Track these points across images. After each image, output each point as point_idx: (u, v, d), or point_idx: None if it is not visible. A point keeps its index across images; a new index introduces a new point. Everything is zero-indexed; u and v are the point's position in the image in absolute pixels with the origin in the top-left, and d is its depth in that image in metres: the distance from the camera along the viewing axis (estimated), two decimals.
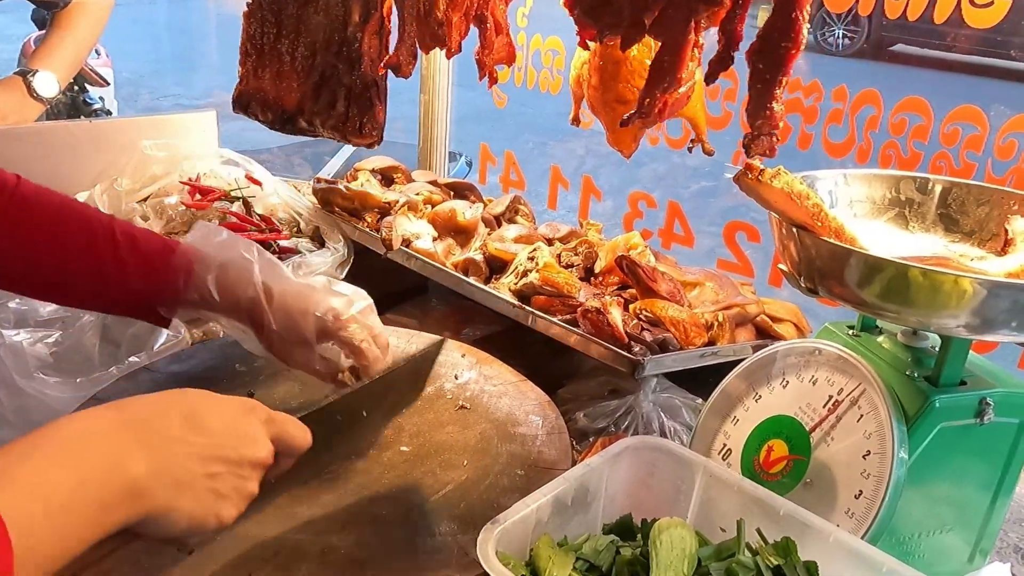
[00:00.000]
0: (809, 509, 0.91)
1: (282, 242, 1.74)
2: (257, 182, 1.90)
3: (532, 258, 1.55)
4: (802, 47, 0.89)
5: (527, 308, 1.47)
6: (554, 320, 1.43)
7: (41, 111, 1.99)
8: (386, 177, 2.04)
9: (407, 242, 1.69)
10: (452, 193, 1.95)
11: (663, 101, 1.01)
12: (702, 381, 1.33)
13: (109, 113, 2.72)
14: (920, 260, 0.92)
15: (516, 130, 6.46)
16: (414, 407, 1.25)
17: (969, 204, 1.14)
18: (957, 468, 1.02)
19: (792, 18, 0.88)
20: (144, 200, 1.80)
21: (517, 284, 1.52)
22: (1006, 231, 1.06)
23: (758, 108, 0.92)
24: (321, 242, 1.79)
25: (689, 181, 5.95)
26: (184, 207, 1.77)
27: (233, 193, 1.85)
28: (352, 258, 1.73)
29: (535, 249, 1.58)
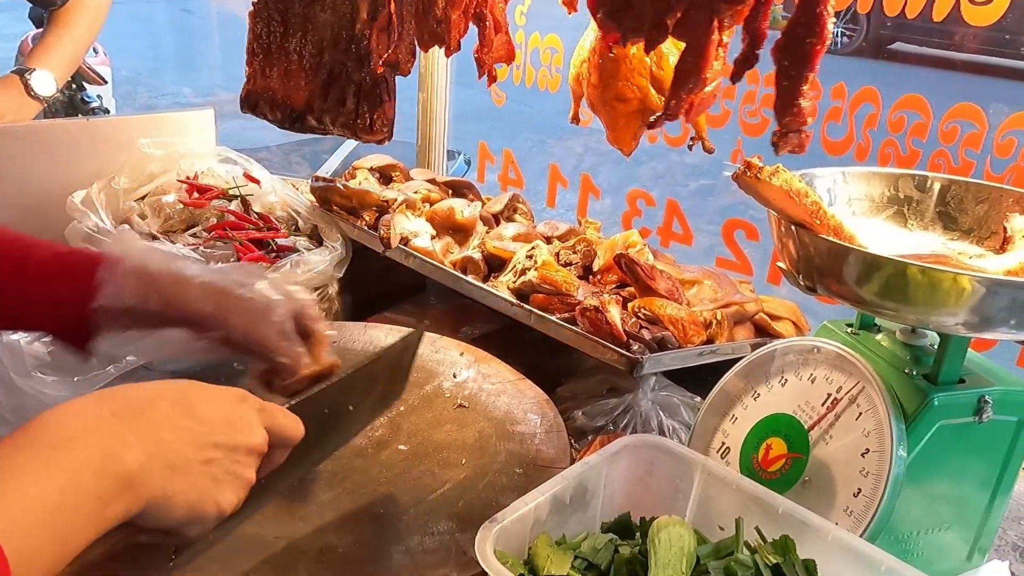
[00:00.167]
0: (808, 507, 0.91)
1: (280, 240, 1.74)
2: (255, 180, 1.90)
3: (530, 256, 1.55)
4: (828, 42, 0.88)
5: (525, 306, 1.47)
6: (552, 318, 1.43)
7: (38, 110, 1.99)
8: (384, 175, 2.04)
9: (405, 240, 1.68)
10: (450, 191, 1.95)
11: (689, 102, 1.00)
12: (701, 379, 1.33)
13: (107, 111, 2.71)
14: (919, 258, 0.92)
15: (515, 128, 6.46)
16: (411, 406, 1.25)
17: (968, 202, 1.14)
18: (956, 466, 1.02)
19: (817, 13, 0.87)
20: (142, 199, 1.79)
21: (515, 282, 1.52)
22: (1005, 229, 1.06)
23: (786, 105, 0.91)
24: (319, 240, 1.79)
25: (688, 179, 5.95)
26: (182, 205, 1.77)
27: (231, 191, 1.85)
28: (350, 256, 1.73)
29: (533, 247, 1.58)
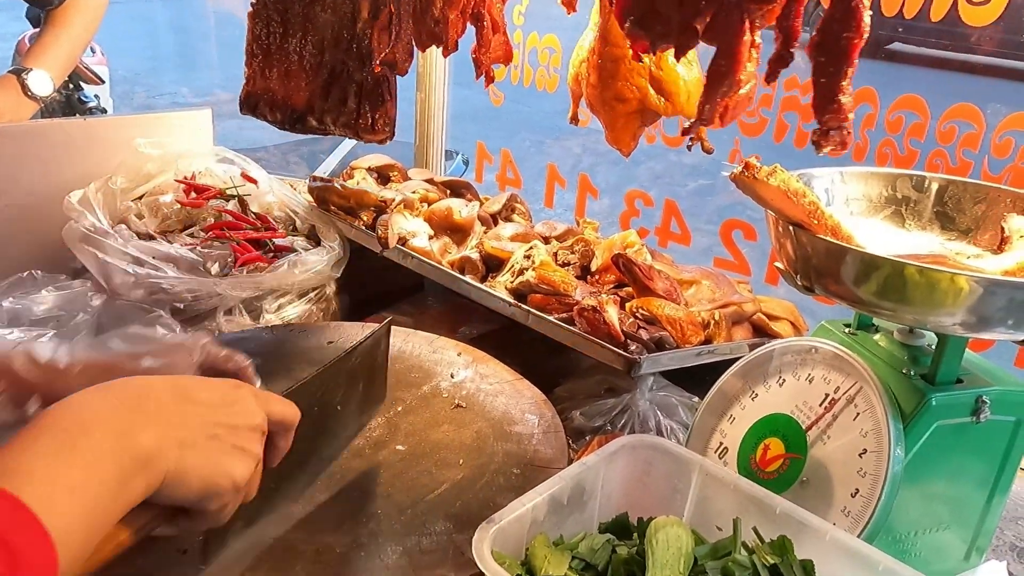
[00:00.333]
0: (805, 508, 0.91)
1: (278, 240, 1.74)
2: (253, 180, 1.90)
3: (528, 256, 1.55)
4: (866, 34, 0.85)
5: (523, 306, 1.47)
6: (550, 319, 1.43)
7: (35, 109, 1.98)
8: (382, 175, 2.04)
9: (403, 240, 1.68)
10: (448, 191, 1.95)
11: (724, 106, 0.99)
12: (699, 379, 1.33)
13: (104, 111, 2.70)
14: (916, 258, 0.92)
15: (513, 128, 6.45)
16: (409, 406, 1.25)
17: (965, 202, 1.14)
18: (953, 466, 1.02)
19: (852, 6, 0.85)
20: (139, 198, 1.79)
21: (513, 282, 1.52)
22: (1002, 229, 1.06)
23: (825, 102, 0.89)
24: (317, 240, 1.79)
25: (686, 179, 5.95)
26: (179, 205, 1.77)
27: (228, 191, 1.84)
28: (348, 256, 1.73)
29: (531, 247, 1.58)
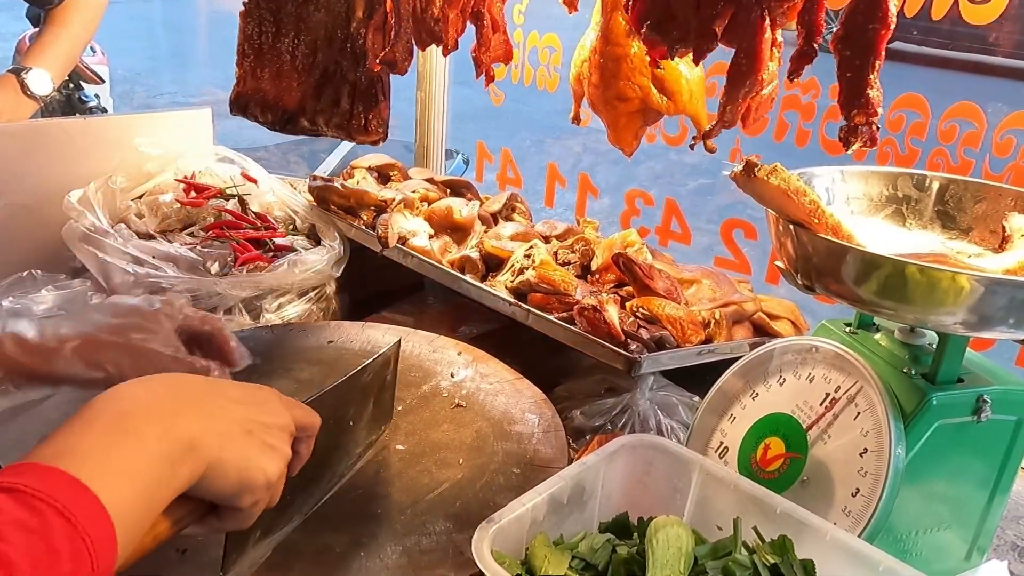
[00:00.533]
0: (806, 507, 0.91)
1: (278, 240, 1.74)
2: (253, 180, 1.89)
3: (528, 256, 1.55)
4: (892, 24, 0.83)
5: (523, 306, 1.47)
6: (550, 318, 1.42)
7: (35, 109, 1.98)
8: (382, 175, 2.04)
9: (403, 240, 1.68)
10: (449, 191, 1.95)
11: (746, 106, 0.98)
12: (699, 379, 1.33)
13: (104, 111, 2.70)
14: (917, 257, 0.92)
15: (513, 128, 6.45)
16: (409, 405, 1.25)
17: (966, 201, 1.14)
18: (954, 466, 1.02)
19: None
20: (139, 198, 1.79)
21: (513, 282, 1.52)
22: (1004, 228, 1.05)
23: (852, 97, 0.86)
24: (317, 240, 1.79)
25: (686, 179, 5.95)
26: (179, 205, 1.77)
27: (228, 191, 1.84)
28: (348, 256, 1.72)
29: (531, 247, 1.57)
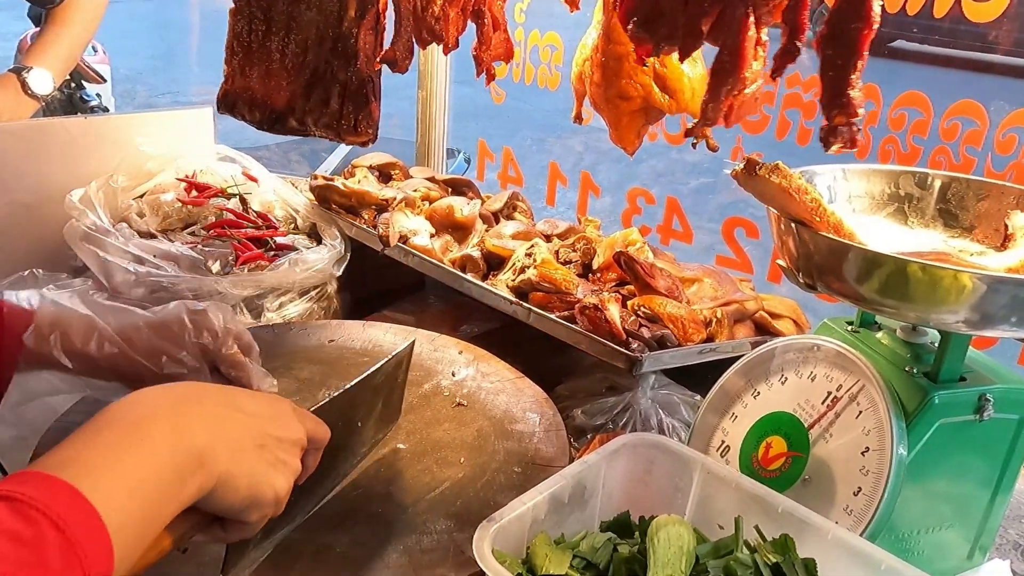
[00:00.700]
0: (808, 506, 0.91)
1: (279, 239, 1.74)
2: (254, 179, 1.90)
3: (530, 254, 1.54)
4: (876, 25, 0.83)
5: (524, 305, 1.46)
6: (552, 317, 1.42)
7: (36, 108, 1.98)
8: (384, 174, 2.04)
9: (404, 238, 1.68)
10: (450, 189, 1.95)
11: (728, 105, 0.97)
12: (700, 378, 1.32)
13: (106, 110, 2.70)
14: (919, 255, 0.92)
15: (514, 126, 6.46)
16: (410, 404, 1.24)
17: (969, 199, 1.14)
18: (956, 464, 1.02)
19: None
20: (140, 197, 1.79)
21: (515, 280, 1.52)
22: (1006, 226, 1.05)
23: (833, 97, 0.86)
24: (318, 239, 1.79)
25: (688, 177, 5.95)
26: (180, 204, 1.76)
27: (229, 190, 1.84)
28: (349, 255, 1.72)
29: (533, 245, 1.57)
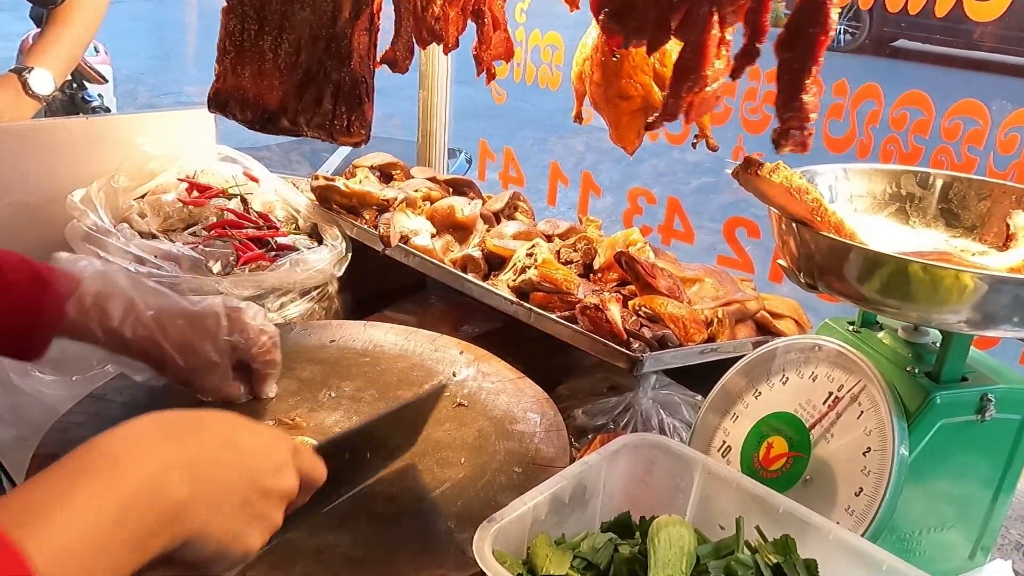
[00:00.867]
0: (809, 507, 0.91)
1: (280, 239, 1.74)
2: (255, 179, 1.89)
3: (531, 254, 1.54)
4: (831, 32, 0.85)
5: (525, 305, 1.46)
6: (553, 317, 1.42)
7: (36, 108, 1.98)
8: (385, 174, 2.03)
9: (405, 239, 1.68)
10: (451, 189, 1.95)
11: (689, 101, 0.98)
12: (702, 378, 1.32)
13: (108, 110, 2.71)
14: (921, 255, 0.92)
15: (515, 126, 6.46)
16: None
17: (970, 199, 1.13)
18: (958, 465, 1.02)
19: (820, 2, 0.85)
20: (141, 197, 1.79)
21: (516, 281, 1.51)
22: (1008, 226, 1.05)
23: (788, 100, 0.87)
24: (319, 239, 1.79)
25: (689, 177, 5.95)
26: (181, 204, 1.76)
27: (231, 190, 1.84)
28: (350, 255, 1.72)
29: (534, 245, 1.57)
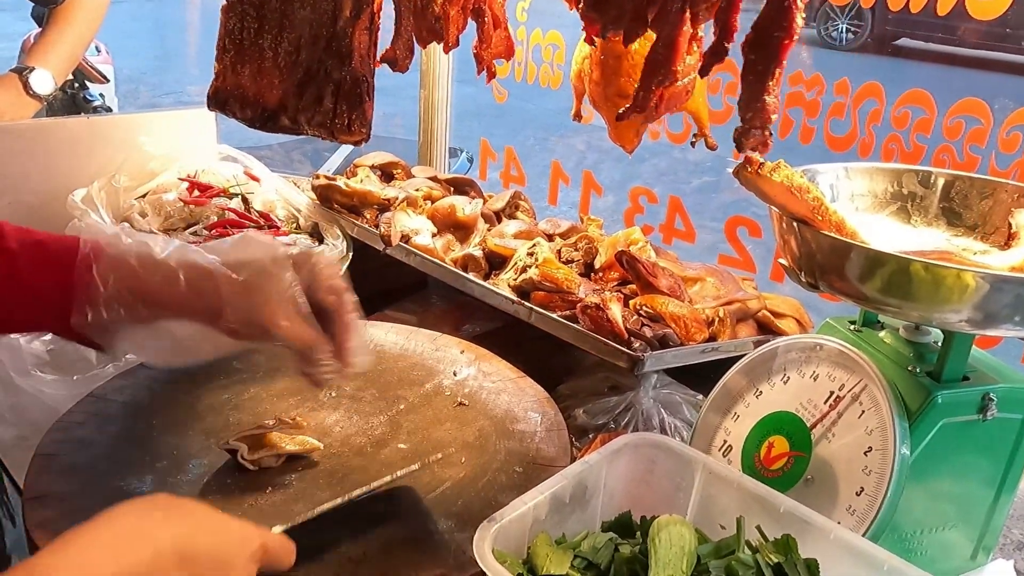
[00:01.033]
0: (810, 506, 0.91)
1: (281, 238, 1.73)
2: (256, 178, 1.89)
3: (532, 254, 1.54)
4: (796, 36, 0.86)
5: (526, 304, 1.46)
6: (553, 316, 1.42)
7: (37, 108, 1.98)
8: (386, 173, 2.03)
9: (406, 238, 1.68)
10: (452, 189, 1.95)
11: (659, 95, 0.99)
12: (703, 377, 1.32)
13: (109, 110, 2.71)
14: (922, 254, 0.92)
15: (517, 125, 6.46)
16: (411, 404, 1.24)
17: (972, 198, 1.13)
18: (960, 464, 1.01)
19: (785, 7, 0.86)
20: (142, 197, 1.79)
21: (517, 280, 1.51)
22: (1010, 225, 1.05)
23: (750, 100, 0.90)
24: (320, 238, 1.78)
25: (690, 176, 5.95)
26: (183, 204, 1.76)
27: (232, 190, 1.84)
28: (351, 254, 1.72)
29: (535, 245, 1.57)
